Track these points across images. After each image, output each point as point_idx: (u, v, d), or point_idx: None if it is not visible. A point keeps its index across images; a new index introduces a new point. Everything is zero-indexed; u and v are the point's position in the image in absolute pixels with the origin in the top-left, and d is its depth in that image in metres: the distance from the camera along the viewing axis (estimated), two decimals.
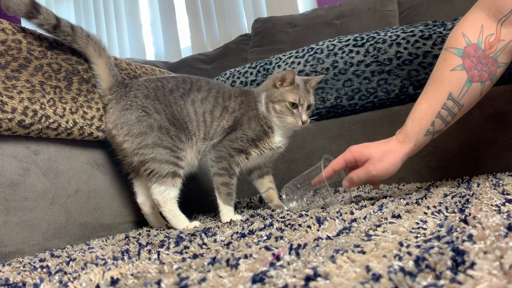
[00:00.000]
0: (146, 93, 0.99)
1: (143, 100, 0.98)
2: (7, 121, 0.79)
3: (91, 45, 0.97)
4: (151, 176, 0.95)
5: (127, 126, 0.96)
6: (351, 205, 0.89)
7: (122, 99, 0.98)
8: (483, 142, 1.22)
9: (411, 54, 1.27)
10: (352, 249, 0.44)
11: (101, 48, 0.99)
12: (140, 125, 0.95)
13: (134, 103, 0.97)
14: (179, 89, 1.03)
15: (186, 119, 1.00)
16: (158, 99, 0.99)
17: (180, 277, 0.40)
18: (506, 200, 0.64)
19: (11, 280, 0.53)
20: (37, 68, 0.88)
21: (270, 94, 1.02)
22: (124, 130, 0.96)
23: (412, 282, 0.32)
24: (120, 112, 0.97)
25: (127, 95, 0.98)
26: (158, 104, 0.98)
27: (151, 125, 0.96)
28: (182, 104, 1.01)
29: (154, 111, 0.97)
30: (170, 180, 0.95)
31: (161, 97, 1.00)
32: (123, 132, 0.96)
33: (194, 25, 3.01)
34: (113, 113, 0.97)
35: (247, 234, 0.66)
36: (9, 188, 0.81)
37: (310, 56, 1.42)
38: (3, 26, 0.84)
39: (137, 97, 0.98)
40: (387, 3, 2.11)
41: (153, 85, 1.01)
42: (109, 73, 1.00)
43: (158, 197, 0.94)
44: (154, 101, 0.98)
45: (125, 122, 0.96)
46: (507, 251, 0.35)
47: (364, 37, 1.38)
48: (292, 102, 0.98)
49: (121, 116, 0.96)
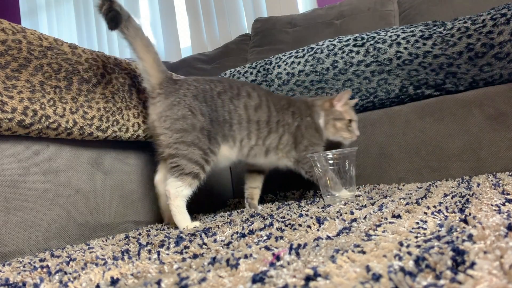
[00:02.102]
0: (196, 94, 1.03)
1: (192, 100, 1.01)
2: (7, 121, 0.79)
3: (139, 37, 0.99)
4: (174, 170, 0.98)
5: (171, 120, 0.99)
6: (351, 205, 0.89)
7: (171, 94, 1.00)
8: (483, 142, 1.22)
9: (411, 54, 1.27)
10: (352, 249, 0.44)
11: (149, 43, 1.01)
12: (184, 122, 0.98)
13: (183, 101, 1.00)
14: (227, 93, 1.08)
15: (235, 127, 1.07)
16: (206, 101, 1.03)
17: (180, 277, 0.40)
18: (506, 200, 0.64)
19: (11, 280, 0.53)
20: (37, 68, 0.88)
21: (330, 113, 1.19)
22: (166, 123, 0.99)
23: (412, 282, 0.32)
24: (167, 106, 0.99)
25: (176, 92, 1.01)
26: (205, 107, 1.02)
27: (194, 124, 0.99)
28: (232, 108, 1.07)
29: (200, 113, 1.00)
30: (190, 180, 0.97)
31: (209, 100, 1.04)
32: (165, 125, 0.99)
33: (194, 25, 3.00)
34: (160, 106, 1.00)
35: (247, 234, 0.66)
36: (9, 188, 0.81)
37: (310, 56, 1.42)
38: (3, 26, 0.84)
39: (187, 96, 1.01)
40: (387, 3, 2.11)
41: (202, 87, 1.05)
42: (157, 69, 1.02)
43: (172, 190, 0.96)
44: (201, 103, 1.02)
45: (169, 116, 0.99)
46: (507, 251, 0.35)
47: (364, 37, 1.38)
48: (349, 119, 1.17)
49: (168, 110, 0.99)
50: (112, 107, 1.04)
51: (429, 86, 1.30)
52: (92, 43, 3.31)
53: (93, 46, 3.30)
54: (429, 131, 1.28)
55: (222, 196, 1.51)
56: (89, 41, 3.31)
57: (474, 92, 1.25)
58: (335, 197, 1.01)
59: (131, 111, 1.10)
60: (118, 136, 1.05)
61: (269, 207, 1.14)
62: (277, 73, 1.47)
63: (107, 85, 1.04)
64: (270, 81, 1.47)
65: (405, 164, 1.29)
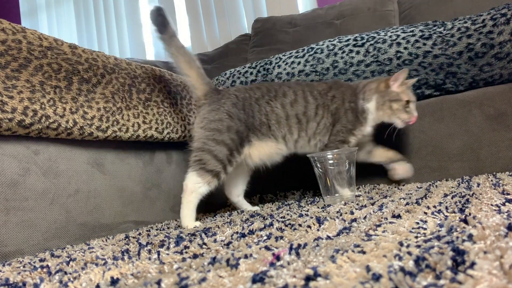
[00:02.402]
0: (235, 102, 1.11)
1: (230, 107, 1.10)
2: (7, 121, 0.79)
3: (182, 56, 1.11)
4: (196, 164, 1.02)
5: (207, 121, 1.08)
6: (351, 205, 0.89)
7: (214, 103, 1.11)
8: (483, 142, 1.22)
9: (411, 54, 1.27)
10: (352, 249, 0.44)
11: (191, 60, 1.12)
12: (219, 124, 1.07)
13: (222, 107, 1.09)
14: (264, 97, 1.14)
15: (273, 126, 1.13)
16: (244, 109, 1.11)
17: (180, 277, 0.40)
18: (506, 200, 0.64)
19: (11, 280, 0.53)
20: (37, 68, 0.88)
21: (385, 94, 1.14)
22: (202, 123, 1.08)
23: (412, 282, 0.32)
24: (207, 111, 1.10)
25: (218, 101, 1.11)
26: (242, 114, 1.10)
27: (230, 127, 1.07)
28: (269, 110, 1.13)
29: (237, 118, 1.09)
30: (209, 178, 1.01)
31: (247, 107, 1.12)
32: (201, 125, 1.08)
33: (194, 25, 3.00)
34: (202, 111, 1.11)
35: (247, 234, 0.66)
36: (9, 188, 0.81)
37: (310, 56, 1.42)
38: (3, 26, 0.84)
39: (226, 104, 1.10)
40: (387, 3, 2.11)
41: (242, 96, 1.13)
42: (202, 82, 1.13)
43: (190, 184, 1.00)
44: (240, 111, 1.10)
45: (207, 118, 1.08)
46: (507, 251, 0.35)
47: (364, 37, 1.38)
48: (407, 100, 1.12)
49: (207, 113, 1.09)
50: (112, 107, 1.04)
51: (429, 86, 1.30)
52: (92, 43, 3.31)
53: (93, 46, 3.30)
54: (429, 131, 1.28)
55: (222, 196, 1.51)
56: (89, 41, 3.31)
57: (474, 92, 1.25)
58: (335, 197, 1.01)
59: (131, 111, 1.10)
60: (118, 136, 1.05)
61: (269, 207, 1.14)
62: (277, 73, 1.47)
63: (107, 85, 1.04)
64: (270, 81, 1.47)
65: None
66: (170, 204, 1.23)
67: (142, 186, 1.14)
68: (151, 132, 1.15)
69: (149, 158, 1.20)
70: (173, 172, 1.27)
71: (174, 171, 1.28)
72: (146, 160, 1.18)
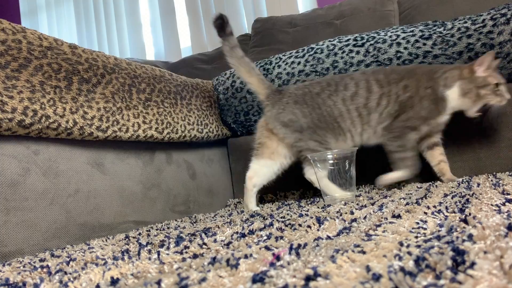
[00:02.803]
0: (296, 100, 1.17)
1: (293, 105, 1.16)
2: (7, 121, 0.79)
3: (242, 65, 1.20)
4: (306, 160, 1.14)
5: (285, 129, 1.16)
6: (351, 205, 0.89)
7: (276, 104, 1.18)
8: (483, 142, 1.22)
9: (411, 54, 1.27)
10: (352, 249, 0.44)
11: (251, 68, 1.21)
12: (293, 125, 1.15)
13: (286, 109, 1.16)
14: (325, 91, 1.16)
15: (338, 119, 1.14)
16: (306, 103, 1.15)
17: (180, 277, 0.40)
18: (506, 200, 0.64)
19: (11, 280, 0.53)
20: (37, 68, 0.88)
21: (470, 81, 1.09)
22: (282, 130, 1.17)
23: (412, 282, 0.32)
24: (275, 116, 1.17)
25: (280, 101, 1.18)
26: (306, 108, 1.15)
27: (301, 125, 1.15)
28: (331, 104, 1.14)
29: (302, 116, 1.15)
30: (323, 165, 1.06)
31: (309, 100, 1.16)
32: (282, 131, 1.17)
33: (194, 25, 3.00)
34: (269, 116, 1.19)
35: (247, 234, 0.66)
36: (9, 188, 0.81)
37: (310, 56, 1.42)
38: (3, 26, 0.84)
39: (289, 103, 1.17)
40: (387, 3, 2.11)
41: (301, 92, 1.18)
42: (262, 86, 1.22)
43: (312, 177, 1.11)
44: (302, 106, 1.15)
45: (281, 123, 1.17)
46: (507, 251, 0.35)
47: (364, 37, 1.38)
48: (496, 83, 1.07)
49: (280, 119, 1.17)
50: (112, 107, 1.04)
51: None
52: (92, 43, 3.31)
53: (93, 46, 3.30)
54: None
55: (222, 196, 1.51)
56: (89, 41, 3.31)
57: None
58: (335, 197, 1.01)
59: (131, 111, 1.10)
60: (118, 136, 1.05)
61: (269, 207, 1.14)
62: (277, 73, 1.47)
63: (107, 85, 1.04)
64: (270, 81, 1.48)
65: None
66: (170, 204, 1.23)
67: (142, 186, 1.14)
68: (151, 132, 1.15)
69: (149, 158, 1.20)
70: (173, 172, 1.27)
71: (174, 171, 1.28)
72: (146, 160, 1.18)
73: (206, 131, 1.41)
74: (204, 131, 1.40)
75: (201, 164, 1.42)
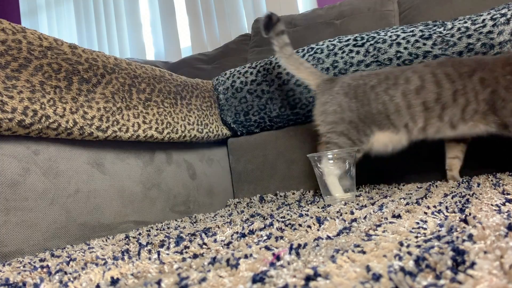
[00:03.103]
0: (347, 91, 1.14)
1: (342, 97, 1.14)
2: (7, 121, 0.79)
3: (290, 63, 1.24)
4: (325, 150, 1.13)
5: (325, 115, 1.17)
6: (351, 205, 0.89)
7: (324, 93, 1.18)
8: (483, 142, 1.22)
9: (411, 54, 1.27)
10: (352, 249, 0.44)
11: (299, 63, 1.25)
12: (334, 116, 1.15)
13: (334, 99, 1.15)
14: (382, 84, 1.12)
15: (393, 115, 1.09)
16: (356, 97, 1.13)
17: (180, 277, 0.40)
18: (506, 200, 0.64)
19: (11, 280, 0.53)
20: (37, 68, 0.88)
21: None
22: (322, 117, 1.18)
23: (412, 281, 0.32)
24: (321, 104, 1.18)
25: (330, 90, 1.17)
26: (354, 103, 1.13)
27: (343, 118, 1.13)
28: (387, 100, 1.10)
29: (348, 109, 1.13)
30: (340, 164, 1.07)
31: (361, 95, 1.13)
32: (321, 119, 1.18)
33: (194, 25, 3.00)
34: (317, 104, 1.20)
35: (247, 234, 0.66)
36: (9, 188, 0.81)
37: (310, 56, 1.42)
38: (3, 26, 0.84)
39: (339, 93, 1.15)
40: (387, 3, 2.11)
41: (355, 83, 1.15)
42: (313, 77, 1.23)
43: (326, 169, 1.07)
44: (351, 100, 1.13)
45: (324, 111, 1.17)
46: (507, 251, 0.35)
47: (364, 37, 1.38)
48: None
49: (322, 107, 1.18)
50: (112, 107, 1.04)
51: None
52: (92, 43, 3.31)
53: (93, 46, 3.30)
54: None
55: (222, 196, 1.51)
56: (89, 41, 3.31)
57: None
58: (335, 197, 1.01)
59: (131, 111, 1.10)
60: (118, 136, 1.05)
61: (269, 207, 1.14)
62: (277, 73, 1.47)
63: (107, 85, 1.04)
64: (270, 81, 1.48)
65: (405, 164, 1.29)
66: (170, 204, 1.23)
67: (142, 186, 1.14)
68: (151, 132, 1.15)
69: (149, 158, 1.20)
70: (173, 172, 1.27)
71: (174, 171, 1.28)
72: (146, 160, 1.18)
73: (206, 131, 1.41)
74: (204, 131, 1.40)
75: (201, 164, 1.42)
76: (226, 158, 1.60)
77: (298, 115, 1.46)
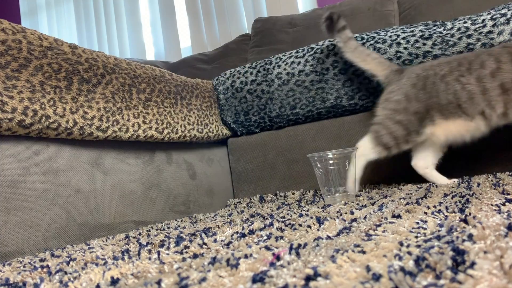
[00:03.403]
0: (415, 82, 1.11)
1: (409, 88, 1.11)
2: (7, 121, 0.79)
3: (356, 56, 1.24)
4: (373, 133, 1.12)
5: (387, 102, 1.14)
6: (351, 205, 0.89)
7: (392, 83, 1.16)
8: (483, 142, 1.22)
9: (411, 54, 1.27)
10: (352, 249, 0.44)
11: (365, 55, 1.23)
12: (397, 105, 1.11)
13: (401, 89, 1.12)
14: (453, 73, 1.06)
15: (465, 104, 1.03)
16: (425, 88, 1.08)
17: (180, 276, 0.40)
18: (506, 200, 0.64)
19: (11, 280, 0.53)
20: (37, 68, 0.88)
21: None
22: (383, 104, 1.15)
23: (412, 281, 0.32)
24: (387, 93, 1.16)
25: (398, 81, 1.15)
26: (422, 94, 1.08)
27: (407, 108, 1.09)
28: (459, 89, 1.04)
29: (414, 99, 1.09)
30: (380, 149, 1.10)
31: (429, 86, 1.08)
32: (383, 105, 1.15)
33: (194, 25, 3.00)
34: (385, 91, 1.17)
35: (247, 234, 0.66)
36: (9, 188, 0.81)
37: (310, 56, 1.42)
38: (3, 26, 0.84)
39: (406, 84, 1.12)
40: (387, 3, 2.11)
41: (424, 74, 1.11)
42: (381, 68, 1.21)
43: (361, 147, 1.11)
44: (419, 91, 1.09)
45: (387, 99, 1.15)
46: (507, 251, 0.35)
47: (364, 37, 1.38)
48: None
49: (387, 94, 1.16)
50: (112, 107, 1.04)
51: None
52: (92, 43, 3.31)
53: (93, 46, 3.30)
54: None
55: (222, 196, 1.51)
56: (89, 41, 3.31)
57: None
58: (335, 197, 1.01)
59: (131, 111, 1.10)
60: (118, 136, 1.05)
61: (269, 207, 1.14)
62: (277, 73, 1.47)
63: (107, 85, 1.05)
64: (270, 81, 1.48)
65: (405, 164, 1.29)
66: (170, 204, 1.23)
67: (142, 186, 1.14)
68: (151, 132, 1.15)
69: (149, 158, 1.20)
70: (173, 172, 1.27)
71: (174, 171, 1.28)
72: (146, 160, 1.18)
73: (206, 131, 1.41)
74: (204, 131, 1.40)
75: (201, 164, 1.42)
76: (226, 158, 1.60)
77: (298, 115, 1.46)
